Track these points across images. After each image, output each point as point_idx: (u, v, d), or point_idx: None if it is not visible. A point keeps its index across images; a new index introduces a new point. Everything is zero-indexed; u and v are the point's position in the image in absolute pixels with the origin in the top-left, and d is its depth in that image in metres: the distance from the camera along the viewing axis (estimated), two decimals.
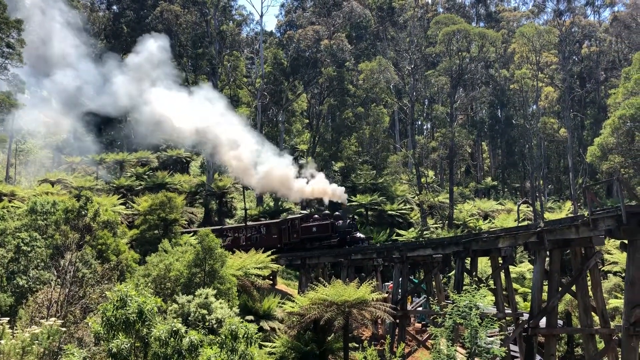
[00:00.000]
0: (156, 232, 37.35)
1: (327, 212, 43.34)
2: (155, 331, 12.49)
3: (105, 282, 21.30)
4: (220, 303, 22.83)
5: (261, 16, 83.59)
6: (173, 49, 57.95)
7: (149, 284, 25.00)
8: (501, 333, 28.33)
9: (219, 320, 21.52)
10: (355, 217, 43.73)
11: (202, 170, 65.15)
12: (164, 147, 64.29)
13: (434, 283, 35.24)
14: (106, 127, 64.61)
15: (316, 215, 42.31)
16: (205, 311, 21.88)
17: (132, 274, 27.75)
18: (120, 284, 16.80)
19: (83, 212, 26.92)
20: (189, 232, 40.62)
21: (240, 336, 13.14)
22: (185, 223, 45.12)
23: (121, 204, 47.74)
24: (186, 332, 12.84)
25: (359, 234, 39.49)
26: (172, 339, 12.37)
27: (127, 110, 49.02)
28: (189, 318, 21.48)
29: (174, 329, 12.44)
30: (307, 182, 44.63)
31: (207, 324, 21.35)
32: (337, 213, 41.65)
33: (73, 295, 18.62)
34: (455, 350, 19.52)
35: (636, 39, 70.10)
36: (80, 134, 59.44)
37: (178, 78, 52.01)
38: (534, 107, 71.58)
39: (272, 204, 59.14)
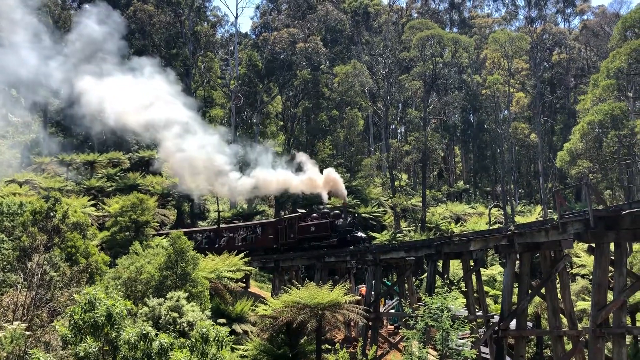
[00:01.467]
0: (127, 234, 36.85)
1: (326, 210, 40.86)
2: (125, 334, 12.30)
3: (74, 285, 20.91)
4: (192, 306, 22.60)
5: (236, 17, 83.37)
6: (145, 49, 57.27)
7: (119, 287, 24.63)
8: (472, 335, 28.66)
9: (191, 323, 21.29)
10: (356, 215, 40.64)
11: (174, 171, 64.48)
12: (136, 147, 63.50)
13: (406, 285, 35.43)
14: (77, 126, 63.55)
15: (314, 214, 39.91)
16: (176, 314, 21.62)
17: (102, 276, 27.30)
18: (90, 287, 16.51)
19: (51, 214, 26.36)
20: (160, 235, 40.16)
21: (211, 339, 13.03)
22: (157, 225, 44.58)
23: (91, 205, 46.96)
24: (156, 335, 12.68)
25: (360, 233, 36.98)
26: (141, 343, 12.20)
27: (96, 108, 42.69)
28: (160, 321, 21.21)
29: (144, 332, 12.27)
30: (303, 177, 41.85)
31: (178, 327, 21.10)
32: (336, 211, 39.83)
33: (40, 299, 18.25)
34: (427, 352, 19.65)
35: (604, 47, 71.60)
36: (50, 133, 58.31)
37: (125, 58, 45.31)
38: (506, 112, 72.70)
39: (245, 206, 58.84)
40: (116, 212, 38.14)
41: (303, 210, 42.39)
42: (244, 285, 40.62)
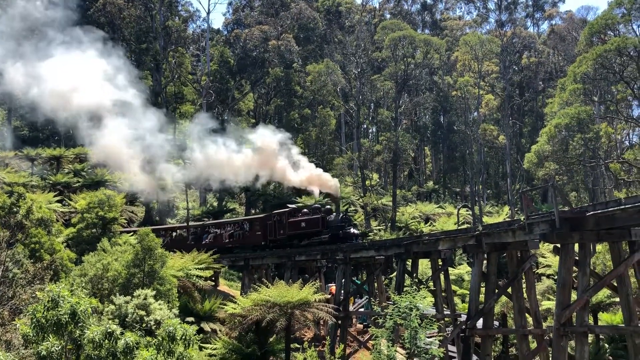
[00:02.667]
0: (94, 230, 36.11)
1: (317, 205, 39.26)
2: (89, 333, 12.05)
3: (38, 282, 20.43)
4: (160, 304, 22.28)
5: (208, 13, 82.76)
6: (116, 43, 56.12)
7: (85, 285, 24.16)
8: (440, 334, 28.95)
9: (158, 321, 20.98)
10: (347, 211, 38.70)
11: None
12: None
13: (376, 284, 35.62)
14: (43, 120, 62.11)
15: (305, 210, 38.64)
16: (143, 312, 21.28)
17: (67, 274, 26.72)
18: (54, 284, 16.14)
19: (15, 209, 25.71)
20: (128, 232, 39.53)
21: (179, 338, 12.85)
22: (124, 222, 43.87)
23: (57, 201, 45.94)
24: (122, 333, 12.45)
25: (353, 230, 35.33)
26: (106, 341, 11.96)
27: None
28: (127, 319, 20.84)
29: (109, 330, 12.04)
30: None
31: (145, 325, 20.78)
32: (328, 206, 38.40)
33: (1, 296, 17.78)
34: (395, 350, 19.76)
35: (571, 51, 73.15)
36: (15, 127, 56.85)
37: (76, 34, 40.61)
38: (475, 114, 73.72)
39: (215, 203, 58.40)
40: (83, 209, 37.32)
41: (293, 206, 40.89)
42: (213, 283, 40.27)
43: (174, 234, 43.66)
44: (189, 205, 48.38)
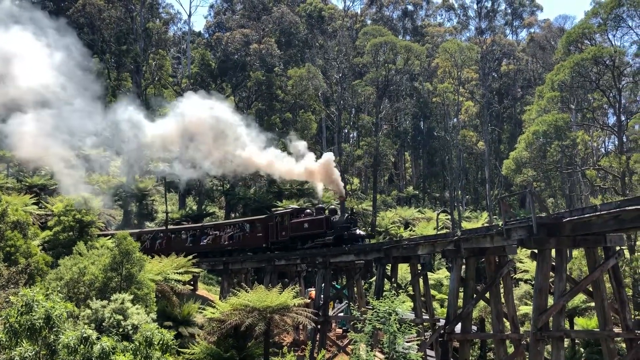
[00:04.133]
0: (71, 234, 35.63)
1: (321, 206, 37.66)
2: (64, 338, 11.86)
3: (12, 286, 20.07)
4: (137, 309, 22.03)
5: (189, 16, 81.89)
6: (95, 44, 55.60)
7: (61, 289, 23.80)
8: (418, 338, 29.10)
9: (135, 326, 20.75)
10: (353, 210, 36.45)
11: (122, 170, 62.99)
12: (82, 145, 61.60)
13: (355, 289, 35.65)
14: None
15: (308, 210, 37.09)
16: (120, 317, 21.01)
17: (42, 277, 26.31)
18: (28, 288, 15.85)
19: None
20: (106, 235, 39.05)
21: (156, 343, 12.71)
22: (102, 225, 43.35)
23: (34, 203, 45.21)
24: (98, 338, 12.27)
25: (358, 231, 33.49)
26: (81, 346, 11.78)
27: None
28: (103, 324, 20.57)
29: (85, 335, 11.86)
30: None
31: (122, 330, 20.53)
32: (332, 206, 36.78)
33: None
34: (374, 355, 19.81)
35: (550, 59, 74.26)
36: None
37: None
38: (455, 120, 74.34)
39: (195, 207, 58.00)
40: (60, 212, 36.81)
41: (295, 206, 39.41)
42: (192, 287, 39.92)
43: (172, 235, 42.67)
44: (167, 209, 48.00)
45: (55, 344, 11.92)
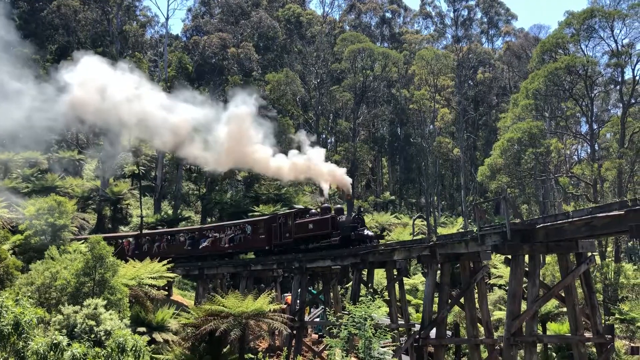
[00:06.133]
0: (43, 238, 35.02)
1: (327, 205, 35.68)
2: (33, 344, 11.62)
3: None
4: (111, 314, 21.71)
5: (167, 19, 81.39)
6: (70, 45, 54.75)
7: (32, 294, 23.33)
8: (394, 343, 29.18)
9: (108, 332, 20.43)
10: (362, 209, 34.55)
11: (96, 174, 62.17)
12: (56, 148, 60.72)
13: (332, 294, 35.65)
14: None
15: (313, 210, 35.35)
16: (93, 322, 20.67)
17: (12, 282, 25.77)
18: None
19: None
20: (79, 240, 38.43)
21: (129, 349, 12.53)
22: (75, 230, 42.67)
23: (4, 207, 44.30)
24: (69, 345, 12.04)
25: (366, 231, 31.14)
26: (51, 353, 11.57)
27: None
28: (75, 330, 20.20)
29: (55, 341, 11.63)
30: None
31: (94, 336, 20.19)
32: (338, 206, 34.90)
33: None
34: None
35: (525, 68, 75.47)
36: None
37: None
38: (431, 126, 75.00)
39: (170, 211, 57.46)
40: (31, 215, 36.16)
41: (299, 206, 37.90)
42: (167, 293, 39.48)
43: (170, 237, 41.68)
44: (142, 213, 47.45)
45: (24, 351, 11.68)
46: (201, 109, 35.18)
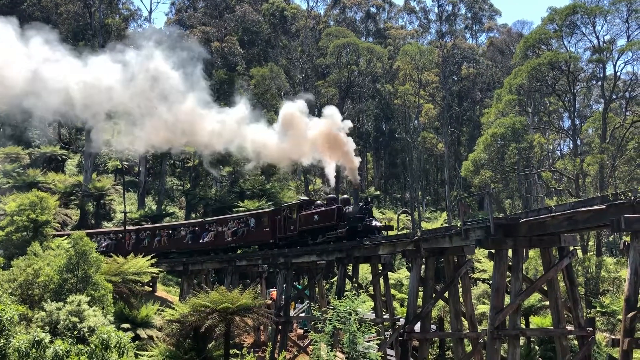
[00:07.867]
0: (25, 234, 34.64)
1: (332, 195, 34.21)
2: (15, 341, 11.49)
3: None
4: (94, 310, 21.54)
5: (150, 12, 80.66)
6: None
7: (14, 290, 23.08)
8: (378, 338, 29.32)
9: (92, 328, 20.26)
10: (370, 199, 32.67)
11: (79, 169, 61.51)
12: (38, 143, 59.99)
13: (317, 289, 35.69)
14: None
15: (318, 201, 34.03)
16: (76, 319, 20.50)
17: None
18: None
19: None
20: (61, 236, 38.05)
21: (113, 345, 12.44)
22: (58, 225, 42.25)
23: None
24: (51, 342, 11.92)
25: (375, 222, 29.48)
26: (33, 350, 11.44)
27: None
28: (58, 326, 20.02)
29: (37, 338, 11.52)
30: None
31: (77, 332, 20.02)
32: (345, 196, 33.52)
33: None
34: (334, 355, 19.85)
35: (508, 63, 75.99)
36: None
37: None
38: (416, 122, 75.27)
39: (154, 207, 57.07)
40: (13, 211, 35.74)
41: (305, 197, 36.79)
42: (151, 289, 39.29)
43: (171, 232, 41.15)
44: (126, 208, 47.06)
45: (6, 348, 11.55)
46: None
